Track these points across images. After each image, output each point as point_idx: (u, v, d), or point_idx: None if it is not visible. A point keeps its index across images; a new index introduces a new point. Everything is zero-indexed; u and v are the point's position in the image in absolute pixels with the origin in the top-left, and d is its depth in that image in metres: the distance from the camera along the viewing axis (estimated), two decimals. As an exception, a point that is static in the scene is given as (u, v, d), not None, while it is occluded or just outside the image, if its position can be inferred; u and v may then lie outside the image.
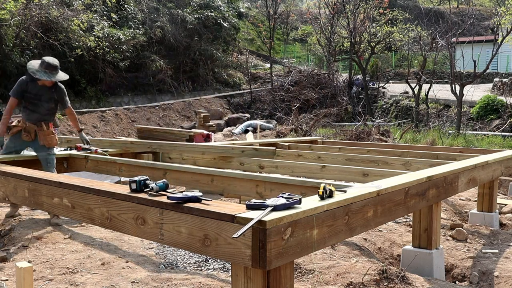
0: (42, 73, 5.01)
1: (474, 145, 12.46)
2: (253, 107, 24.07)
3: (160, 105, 21.50)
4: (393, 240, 5.25)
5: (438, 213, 4.37)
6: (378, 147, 7.83)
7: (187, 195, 2.65)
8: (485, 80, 22.69)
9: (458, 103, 15.74)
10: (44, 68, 5.03)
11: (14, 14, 15.90)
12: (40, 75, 4.99)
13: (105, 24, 19.49)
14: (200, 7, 24.27)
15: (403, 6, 32.31)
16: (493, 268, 4.50)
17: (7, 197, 4.18)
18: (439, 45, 19.31)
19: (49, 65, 5.04)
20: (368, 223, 3.10)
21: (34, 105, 5.21)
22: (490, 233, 5.62)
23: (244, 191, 4.38)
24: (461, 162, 4.99)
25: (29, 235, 4.81)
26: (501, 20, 18.41)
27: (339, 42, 25.63)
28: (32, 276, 2.66)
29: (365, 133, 13.03)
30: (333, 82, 24.65)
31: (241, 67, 27.66)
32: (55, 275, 3.92)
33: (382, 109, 21.62)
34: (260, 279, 2.34)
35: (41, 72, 5.02)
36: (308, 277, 3.88)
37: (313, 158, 6.43)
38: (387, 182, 3.52)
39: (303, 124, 16.03)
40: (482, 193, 6.13)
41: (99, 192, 3.14)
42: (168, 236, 2.69)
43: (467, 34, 24.03)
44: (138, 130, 14.23)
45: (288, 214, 2.36)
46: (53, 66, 5.07)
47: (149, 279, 3.82)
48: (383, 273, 3.75)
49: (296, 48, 34.55)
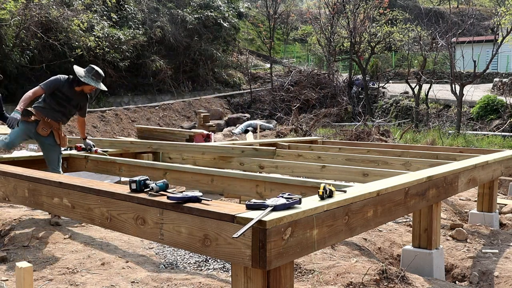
0: (89, 79, 5.20)
1: (474, 145, 12.46)
2: (253, 107, 24.08)
3: (160, 105, 21.50)
4: (393, 240, 5.25)
5: (438, 213, 4.37)
6: (378, 147, 7.83)
7: (187, 195, 2.64)
8: (485, 80, 22.69)
9: (458, 103, 15.74)
10: (92, 75, 5.23)
11: (14, 14, 15.91)
12: (87, 80, 5.17)
13: (105, 24, 19.50)
14: (200, 7, 24.28)
15: (403, 6, 32.31)
16: (493, 268, 4.50)
17: (7, 197, 4.17)
18: (439, 45, 19.32)
19: (97, 73, 5.27)
20: (368, 223, 3.10)
21: (60, 105, 5.31)
22: (490, 233, 5.62)
23: (244, 191, 4.38)
24: (461, 162, 4.99)
25: (29, 235, 4.81)
26: (501, 20, 18.41)
27: (339, 42, 25.63)
28: (32, 276, 2.66)
29: (365, 133, 13.03)
30: (333, 82, 24.65)
31: (241, 67, 27.66)
32: (55, 275, 3.92)
33: (382, 109, 21.63)
34: (260, 279, 2.34)
35: (89, 77, 5.21)
36: (308, 277, 3.88)
37: (313, 158, 6.43)
38: (387, 182, 3.52)
39: (303, 124, 16.03)
40: (482, 193, 6.13)
41: (99, 192, 3.14)
42: (168, 236, 2.69)
43: (467, 34, 24.04)
44: (138, 130, 14.23)
45: (288, 214, 2.36)
46: (100, 75, 5.32)
47: (149, 279, 3.82)
48: (383, 273, 3.75)
49: (296, 48, 34.55)
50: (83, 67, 5.39)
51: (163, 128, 16.32)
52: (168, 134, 12.37)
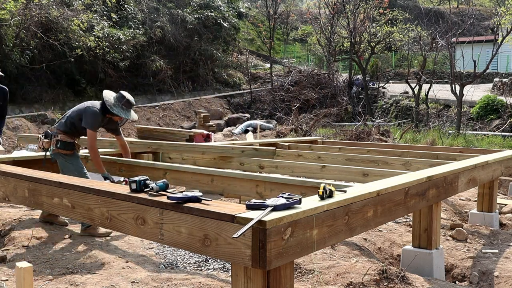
0: (119, 109, 4.82)
1: (474, 145, 12.46)
2: (253, 107, 24.08)
3: (160, 105, 21.50)
4: (393, 240, 5.25)
5: (438, 213, 4.37)
6: (378, 147, 7.83)
7: (187, 195, 2.64)
8: (485, 80, 22.69)
9: (458, 103, 15.74)
10: (123, 105, 4.85)
11: (14, 14, 15.90)
12: (117, 111, 4.80)
13: (105, 24, 19.48)
14: (200, 7, 24.28)
15: (403, 6, 32.31)
16: (493, 268, 4.50)
17: (7, 197, 4.17)
18: (439, 45, 19.32)
19: (128, 102, 4.86)
20: (368, 223, 3.10)
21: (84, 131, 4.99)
22: (490, 233, 5.62)
23: (244, 191, 4.39)
24: (461, 162, 4.99)
25: (29, 235, 4.81)
26: (501, 20, 18.41)
27: (339, 42, 25.63)
28: (32, 276, 2.66)
29: (365, 133, 13.03)
30: (333, 82, 24.65)
31: (241, 67, 27.66)
32: (55, 275, 3.92)
33: (382, 109, 21.63)
34: (260, 279, 2.34)
35: (119, 108, 4.82)
36: (308, 277, 3.88)
37: (313, 158, 6.43)
38: (387, 182, 3.52)
39: (303, 124, 16.03)
40: (482, 193, 6.13)
41: (99, 192, 3.14)
42: (168, 236, 2.69)
43: (467, 34, 24.03)
44: (138, 130, 14.23)
45: (288, 214, 2.36)
46: (131, 104, 4.91)
47: (149, 279, 3.82)
48: (383, 273, 3.75)
49: (296, 48, 34.55)
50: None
51: (163, 128, 16.32)
52: (168, 134, 12.37)
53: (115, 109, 4.79)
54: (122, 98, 4.85)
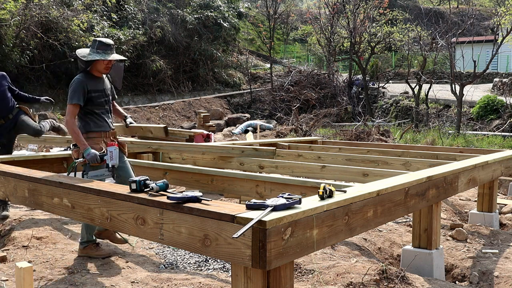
0: (94, 55, 4.12)
1: (474, 145, 12.46)
2: (253, 107, 24.08)
3: (160, 105, 21.50)
4: (393, 240, 5.25)
5: (438, 213, 4.37)
6: (378, 147, 7.83)
7: (187, 195, 2.64)
8: (485, 80, 22.70)
9: (458, 103, 15.74)
10: (97, 49, 4.13)
11: (14, 14, 15.89)
12: (92, 57, 4.11)
13: (105, 24, 19.49)
14: (200, 7, 24.28)
15: (403, 6, 32.32)
16: (493, 268, 4.50)
17: (7, 197, 4.17)
18: (439, 45, 19.31)
19: (102, 44, 4.13)
20: (368, 223, 3.10)
21: (100, 106, 4.29)
22: (490, 233, 5.62)
23: (244, 191, 4.39)
24: (461, 162, 4.99)
25: (29, 235, 4.81)
26: (501, 20, 18.42)
27: (339, 42, 25.63)
28: (32, 276, 2.66)
29: (365, 133, 13.03)
30: (333, 82, 24.65)
31: (241, 67, 27.66)
32: (55, 275, 3.92)
33: (382, 109, 21.63)
34: (260, 279, 2.34)
35: (93, 54, 4.13)
36: (308, 277, 3.88)
37: (313, 158, 6.43)
38: (387, 182, 3.52)
39: (303, 124, 16.03)
40: (482, 193, 6.13)
41: (99, 192, 3.14)
42: (168, 236, 2.69)
43: (467, 34, 24.04)
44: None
45: (288, 214, 2.36)
46: (107, 45, 4.16)
47: (149, 279, 3.82)
48: (383, 273, 3.75)
49: (296, 48, 34.57)
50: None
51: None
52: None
53: (90, 56, 4.12)
54: (94, 43, 4.17)
